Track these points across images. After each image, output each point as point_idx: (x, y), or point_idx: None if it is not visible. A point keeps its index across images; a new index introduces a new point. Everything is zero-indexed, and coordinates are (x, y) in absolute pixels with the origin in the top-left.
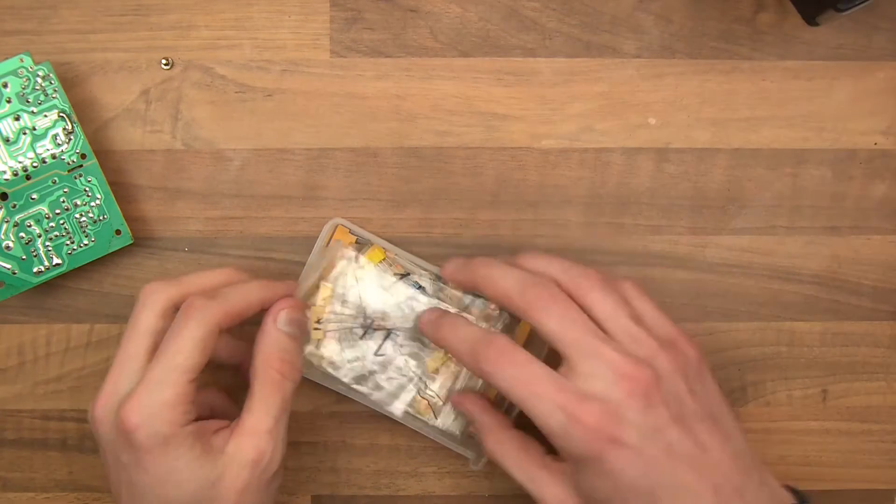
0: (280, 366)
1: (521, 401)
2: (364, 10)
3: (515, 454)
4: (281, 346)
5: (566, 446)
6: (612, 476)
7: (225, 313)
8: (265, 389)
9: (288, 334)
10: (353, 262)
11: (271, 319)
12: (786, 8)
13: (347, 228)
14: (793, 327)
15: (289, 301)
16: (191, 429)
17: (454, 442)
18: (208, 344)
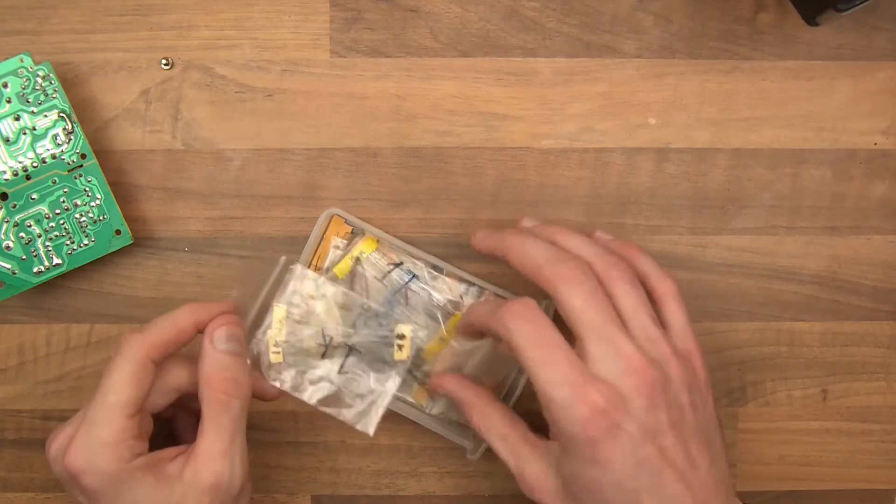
0: (223, 386)
1: (529, 360)
2: (364, 10)
3: (500, 426)
4: (221, 365)
5: (564, 422)
6: (600, 465)
7: (152, 344)
8: (213, 412)
9: (227, 352)
10: (307, 279)
11: (208, 340)
12: (786, 8)
13: (343, 218)
14: (793, 327)
15: (224, 318)
16: (139, 462)
17: (451, 431)
18: (141, 377)
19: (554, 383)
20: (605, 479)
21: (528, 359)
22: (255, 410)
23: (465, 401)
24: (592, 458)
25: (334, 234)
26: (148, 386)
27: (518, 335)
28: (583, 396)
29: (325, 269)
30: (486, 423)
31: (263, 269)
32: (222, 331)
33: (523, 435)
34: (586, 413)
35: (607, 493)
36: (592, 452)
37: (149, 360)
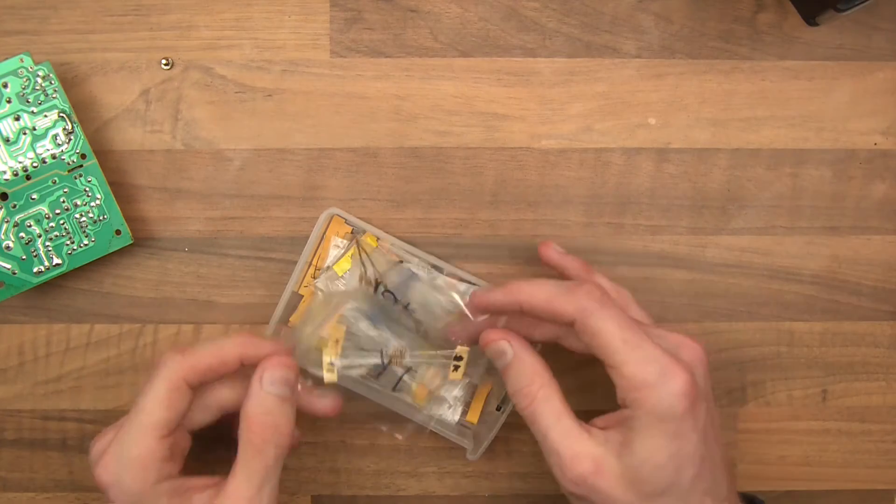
0: (262, 430)
1: (621, 342)
2: (364, 10)
3: (560, 403)
4: (265, 408)
5: (656, 399)
6: (681, 439)
7: (191, 368)
8: (247, 454)
9: (274, 395)
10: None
11: (257, 378)
12: (786, 8)
13: (343, 218)
14: (793, 327)
15: (277, 360)
16: (165, 487)
17: (451, 431)
18: (174, 401)
19: (644, 362)
20: (683, 452)
21: (618, 340)
22: None
23: (528, 363)
24: (676, 433)
25: (334, 233)
26: (181, 409)
27: (605, 319)
28: (673, 372)
29: (325, 268)
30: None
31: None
32: (274, 373)
33: (576, 420)
34: (679, 389)
35: (683, 466)
36: (677, 428)
37: (184, 384)
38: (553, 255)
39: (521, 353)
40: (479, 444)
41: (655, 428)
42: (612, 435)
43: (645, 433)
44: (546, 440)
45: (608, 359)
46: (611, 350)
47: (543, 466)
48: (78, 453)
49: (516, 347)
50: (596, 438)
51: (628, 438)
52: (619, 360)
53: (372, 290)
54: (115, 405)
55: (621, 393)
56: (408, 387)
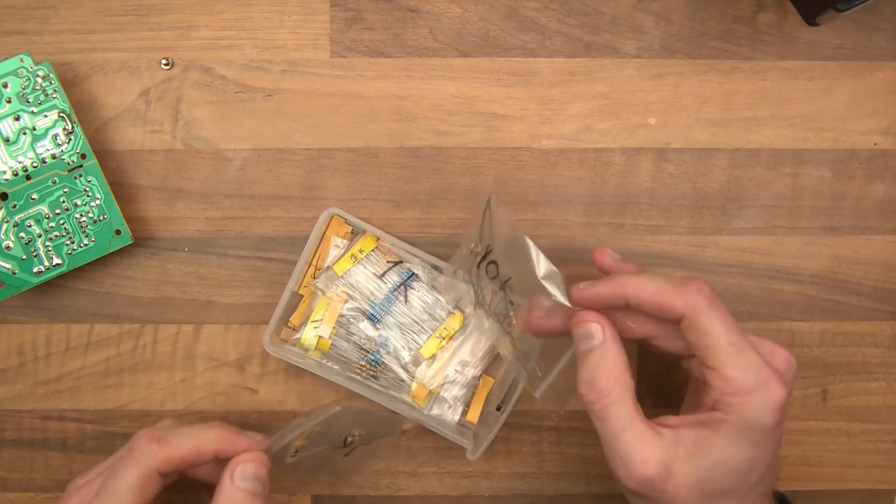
0: None
1: (727, 344)
2: (364, 10)
3: (632, 403)
4: (233, 501)
5: (751, 406)
6: (762, 447)
7: (166, 459)
8: None
9: (244, 490)
10: None
11: (228, 474)
12: (786, 8)
13: (343, 218)
14: (792, 327)
15: (250, 455)
16: None
17: (451, 431)
18: (146, 487)
19: (745, 369)
20: (759, 459)
21: (725, 342)
22: (255, 411)
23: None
24: (759, 441)
25: (334, 233)
26: (152, 495)
27: (713, 319)
28: (773, 386)
29: (325, 268)
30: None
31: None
32: (244, 468)
33: (647, 421)
34: (776, 402)
35: (754, 469)
36: (762, 437)
37: (156, 473)
38: (608, 260)
39: (609, 342)
40: (479, 444)
41: (741, 435)
42: (686, 434)
43: (729, 438)
44: (615, 441)
45: (712, 359)
46: (716, 350)
47: (543, 466)
48: (78, 453)
49: (607, 336)
50: (666, 440)
51: (707, 440)
52: (723, 361)
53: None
54: (115, 405)
55: (716, 394)
56: (407, 387)
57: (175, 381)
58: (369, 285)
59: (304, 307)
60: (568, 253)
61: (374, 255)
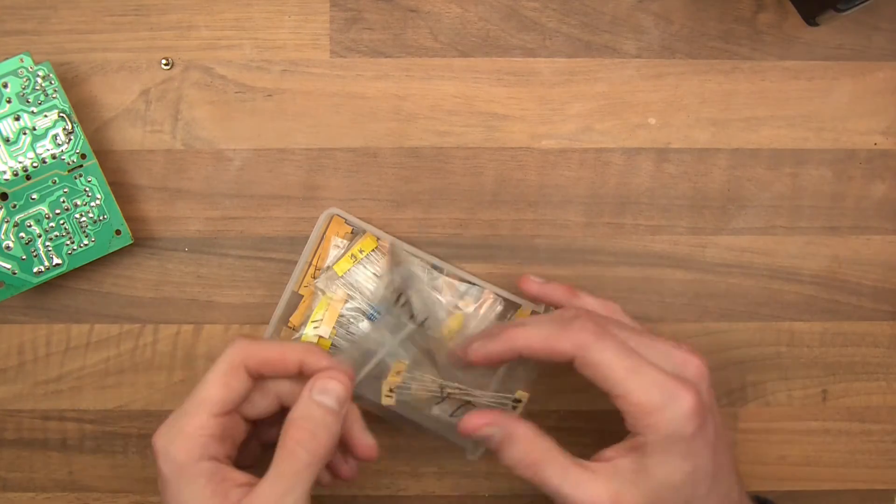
0: (298, 434)
1: (624, 372)
2: (364, 10)
3: (561, 457)
4: (308, 413)
5: (666, 421)
6: (694, 457)
7: (253, 354)
8: (280, 456)
9: (320, 404)
10: None
11: (308, 387)
12: (786, 8)
13: (343, 218)
14: (793, 327)
15: (334, 373)
16: (207, 466)
17: (451, 432)
18: (231, 381)
19: (649, 388)
20: (699, 471)
21: (620, 370)
22: None
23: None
24: (689, 452)
25: (334, 233)
26: (239, 391)
27: (602, 352)
28: (680, 395)
29: (325, 268)
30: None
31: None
32: (326, 383)
33: (578, 462)
34: (688, 410)
35: (698, 482)
36: (689, 447)
37: (243, 367)
38: (533, 287)
39: (508, 429)
40: (479, 444)
41: (669, 450)
42: (624, 463)
43: (659, 457)
44: (560, 495)
45: (613, 389)
46: (614, 380)
47: None
48: (78, 453)
49: (503, 424)
50: (606, 473)
51: (642, 464)
52: (625, 388)
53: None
54: (116, 405)
55: (630, 420)
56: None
57: (175, 381)
58: (369, 285)
59: (303, 307)
60: (568, 253)
61: (374, 254)
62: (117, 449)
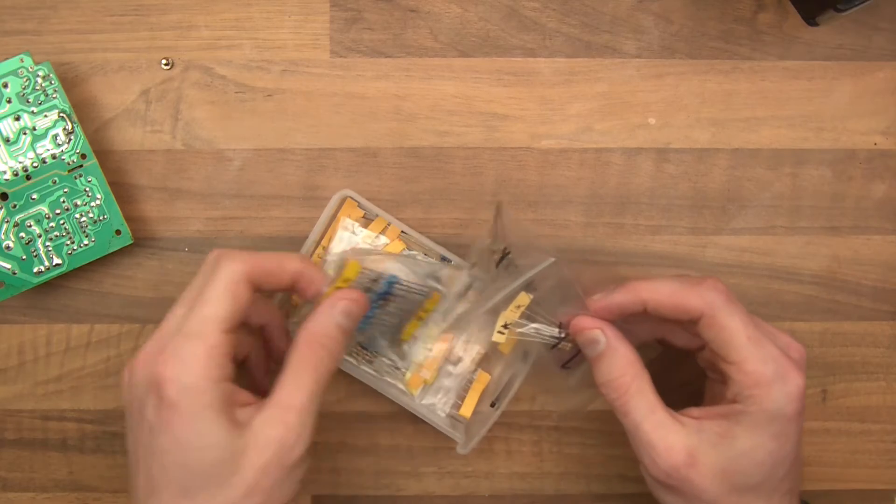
0: (319, 348)
1: (746, 339)
2: (364, 10)
3: (652, 394)
4: (326, 330)
5: (772, 397)
6: (783, 439)
7: (253, 266)
8: (300, 366)
9: (338, 324)
10: None
11: (329, 304)
12: (786, 8)
13: (356, 202)
14: (793, 327)
15: (353, 295)
16: (223, 388)
17: (442, 422)
18: (238, 293)
19: (764, 359)
20: (782, 452)
21: (744, 336)
22: None
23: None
24: (780, 433)
25: (346, 215)
26: (244, 303)
27: (731, 315)
28: (788, 372)
29: (329, 249)
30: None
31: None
32: (344, 304)
33: (669, 411)
34: (795, 392)
35: (777, 465)
36: (783, 428)
37: (246, 278)
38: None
39: (614, 342)
40: (471, 438)
41: (763, 426)
42: (709, 425)
43: (752, 430)
44: (638, 431)
45: (731, 354)
46: (735, 346)
47: (544, 466)
48: (78, 453)
49: (610, 337)
50: (689, 429)
51: (731, 432)
52: (743, 356)
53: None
54: (115, 405)
55: (736, 388)
56: (401, 375)
57: None
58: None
59: None
60: (568, 253)
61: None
62: (117, 449)
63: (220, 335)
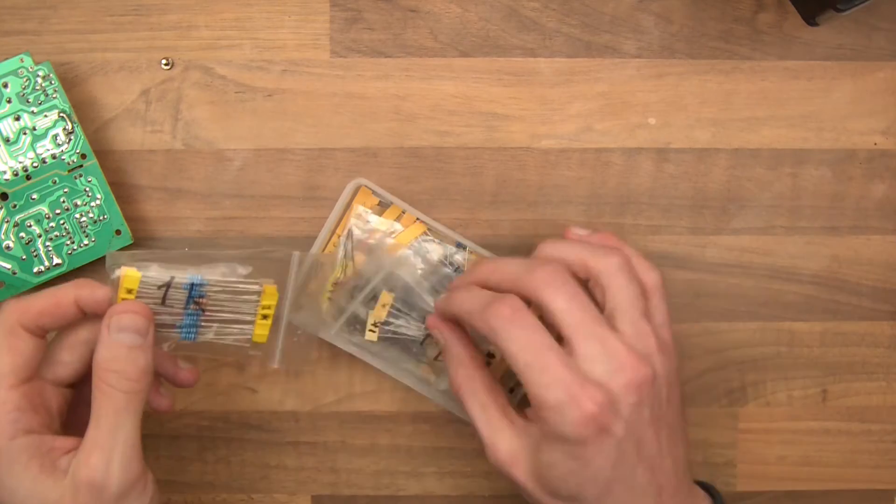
0: (107, 376)
1: (523, 366)
2: (364, 10)
3: (483, 394)
4: (111, 353)
5: (555, 423)
6: (583, 461)
7: (24, 311)
8: (97, 401)
9: (121, 343)
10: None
11: (105, 324)
12: (786, 8)
13: (370, 189)
14: (793, 327)
15: (127, 305)
16: (25, 442)
17: (459, 407)
18: (14, 344)
19: (546, 385)
20: (585, 473)
21: (521, 364)
22: (254, 410)
23: (455, 356)
24: (575, 455)
25: (360, 203)
26: (25, 355)
27: (507, 342)
28: (575, 400)
29: (342, 236)
30: (470, 385)
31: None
32: (122, 318)
33: (503, 408)
34: (579, 418)
35: (584, 484)
36: (578, 450)
37: (19, 327)
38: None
39: (449, 341)
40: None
41: (557, 444)
42: (532, 430)
43: (548, 446)
44: (475, 425)
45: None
46: (516, 370)
47: None
48: None
49: (446, 336)
50: (517, 430)
51: (539, 442)
52: (524, 380)
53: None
54: None
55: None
56: (416, 363)
57: None
58: None
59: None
60: None
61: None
62: None
63: (5, 392)
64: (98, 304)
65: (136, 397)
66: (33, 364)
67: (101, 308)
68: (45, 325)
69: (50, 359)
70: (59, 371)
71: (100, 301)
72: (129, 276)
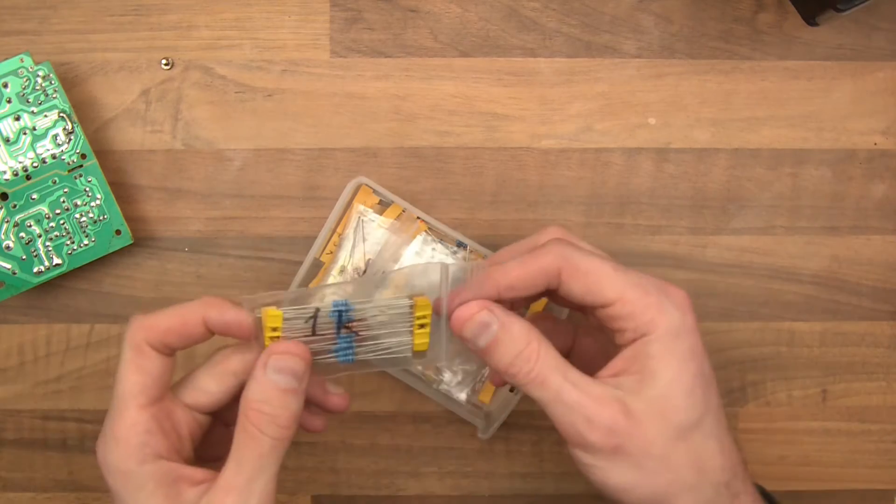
0: (258, 419)
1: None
2: (364, 10)
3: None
4: (263, 395)
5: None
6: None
7: (150, 328)
8: (240, 442)
9: (275, 385)
10: None
11: (261, 364)
12: (786, 8)
13: (371, 188)
14: (793, 327)
15: (287, 346)
16: (153, 468)
17: (461, 408)
18: (142, 363)
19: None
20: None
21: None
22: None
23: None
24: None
25: (361, 202)
26: (152, 374)
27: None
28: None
29: (344, 234)
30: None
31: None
32: (280, 359)
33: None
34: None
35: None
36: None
37: (146, 345)
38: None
39: (505, 319)
40: (492, 422)
41: (674, 347)
42: (623, 381)
43: (666, 356)
44: (560, 397)
45: (606, 292)
46: (606, 283)
47: (544, 466)
48: (78, 453)
49: (499, 314)
50: (609, 383)
51: (647, 369)
52: (619, 288)
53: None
54: None
55: (629, 325)
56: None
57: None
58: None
59: (322, 275)
60: None
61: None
62: None
63: (135, 413)
64: (227, 325)
65: (282, 444)
66: (161, 384)
67: (229, 330)
68: (172, 343)
69: (193, 384)
70: (200, 398)
71: (229, 323)
72: (272, 316)
